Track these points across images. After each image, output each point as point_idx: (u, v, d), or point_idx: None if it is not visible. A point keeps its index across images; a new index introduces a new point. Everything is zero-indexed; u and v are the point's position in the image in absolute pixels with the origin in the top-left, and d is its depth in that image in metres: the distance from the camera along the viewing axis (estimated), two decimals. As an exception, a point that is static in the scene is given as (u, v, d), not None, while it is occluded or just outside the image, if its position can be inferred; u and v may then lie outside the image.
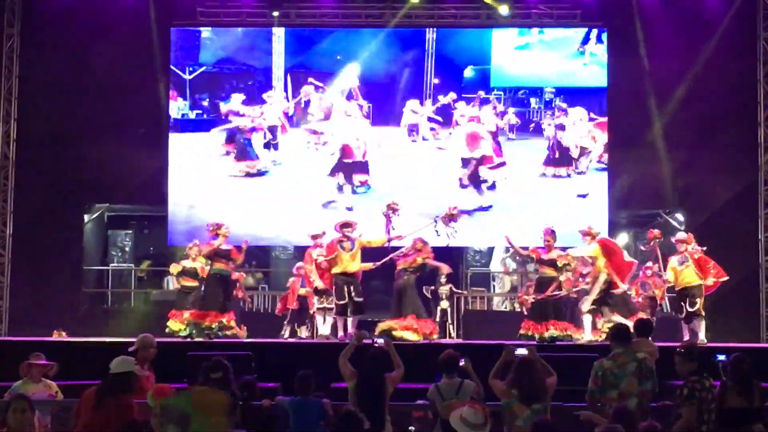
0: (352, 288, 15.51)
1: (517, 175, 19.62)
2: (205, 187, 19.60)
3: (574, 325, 15.59)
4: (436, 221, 16.61)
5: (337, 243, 15.70)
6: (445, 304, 17.76)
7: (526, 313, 16.45)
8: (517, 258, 19.77)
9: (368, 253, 16.17)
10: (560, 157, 19.61)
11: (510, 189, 19.58)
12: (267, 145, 19.77)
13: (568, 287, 15.82)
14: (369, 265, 16.11)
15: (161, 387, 9.51)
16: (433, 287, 17.77)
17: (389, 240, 16.08)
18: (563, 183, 19.61)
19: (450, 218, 16.54)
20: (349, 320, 15.67)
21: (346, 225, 15.87)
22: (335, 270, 15.65)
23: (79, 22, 19.29)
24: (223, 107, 19.73)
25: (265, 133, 19.75)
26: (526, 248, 16.27)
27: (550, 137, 19.62)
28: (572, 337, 15.36)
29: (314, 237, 16.36)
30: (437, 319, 17.17)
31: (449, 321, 17.78)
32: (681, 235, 16.49)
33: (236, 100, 19.74)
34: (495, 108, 19.63)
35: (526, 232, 17.82)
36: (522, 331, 15.61)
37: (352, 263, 15.61)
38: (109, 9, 19.34)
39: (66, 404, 9.87)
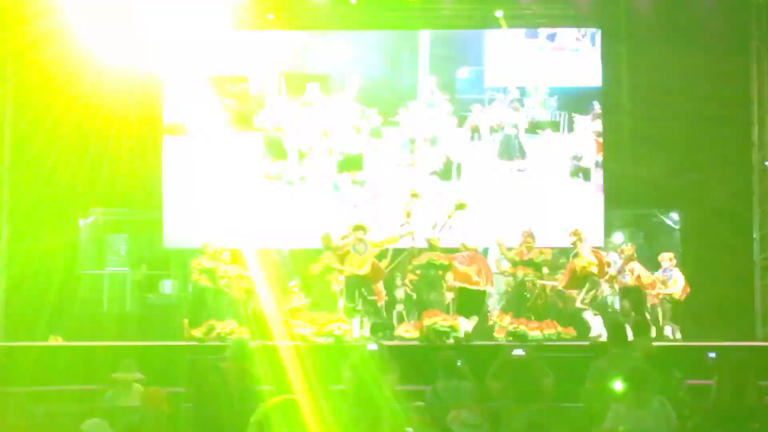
0: (363, 290, 15.51)
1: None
2: (201, 190, 19.56)
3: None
4: (443, 217, 16.60)
5: (350, 246, 15.65)
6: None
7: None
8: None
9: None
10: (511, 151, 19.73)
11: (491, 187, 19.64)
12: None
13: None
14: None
15: (152, 392, 9.47)
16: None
17: (400, 237, 16.06)
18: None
19: (459, 209, 16.53)
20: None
21: (358, 228, 15.83)
22: (347, 273, 15.60)
23: (74, 26, 19.21)
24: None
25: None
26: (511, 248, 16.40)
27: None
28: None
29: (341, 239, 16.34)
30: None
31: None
32: None
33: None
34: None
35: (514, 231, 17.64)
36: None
37: (363, 267, 15.56)
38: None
39: None
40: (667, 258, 16.97)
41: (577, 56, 19.82)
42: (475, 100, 19.74)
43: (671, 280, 16.64)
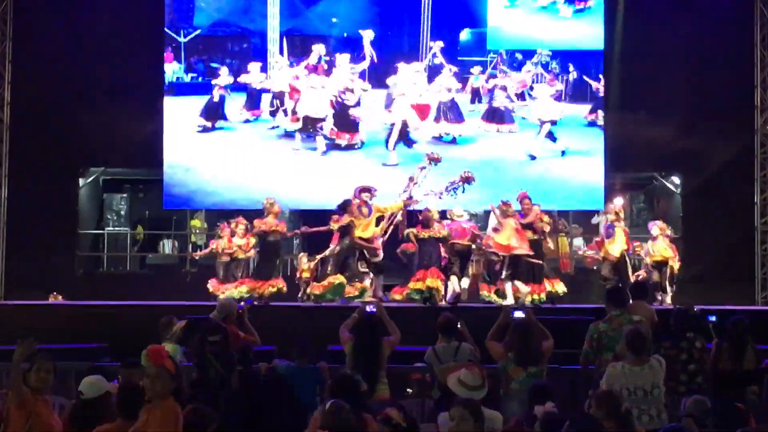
0: (365, 252, 15.38)
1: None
2: (201, 150, 19.54)
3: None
4: (449, 188, 16.44)
5: (356, 207, 15.50)
6: None
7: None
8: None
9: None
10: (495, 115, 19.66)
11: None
12: (275, 111, 19.66)
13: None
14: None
15: (157, 349, 9.49)
16: None
17: (405, 206, 15.95)
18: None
19: (465, 181, 16.41)
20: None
21: (365, 190, 15.67)
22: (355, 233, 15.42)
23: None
24: (215, 82, 19.63)
25: (272, 100, 19.67)
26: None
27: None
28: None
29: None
30: None
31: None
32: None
33: (225, 73, 19.66)
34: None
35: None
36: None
37: (366, 230, 15.38)
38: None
39: None
40: (612, 210, 16.23)
41: (580, 19, 19.74)
42: (476, 63, 19.69)
43: (611, 238, 15.91)
